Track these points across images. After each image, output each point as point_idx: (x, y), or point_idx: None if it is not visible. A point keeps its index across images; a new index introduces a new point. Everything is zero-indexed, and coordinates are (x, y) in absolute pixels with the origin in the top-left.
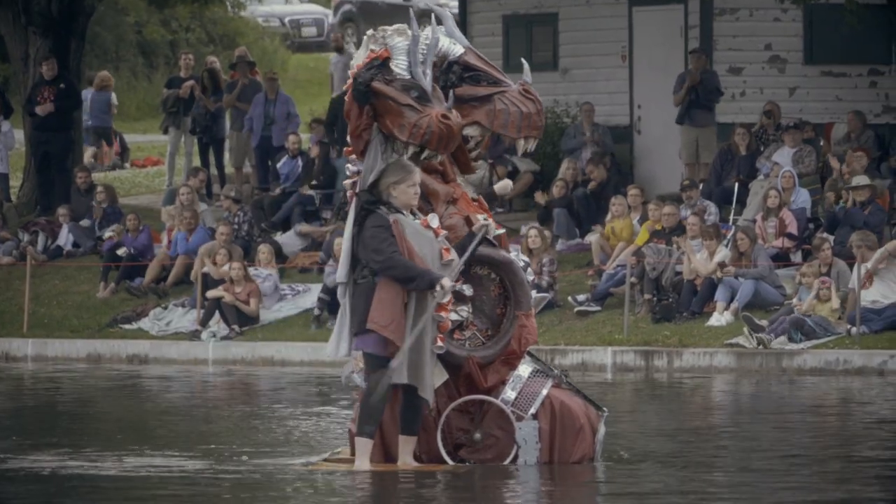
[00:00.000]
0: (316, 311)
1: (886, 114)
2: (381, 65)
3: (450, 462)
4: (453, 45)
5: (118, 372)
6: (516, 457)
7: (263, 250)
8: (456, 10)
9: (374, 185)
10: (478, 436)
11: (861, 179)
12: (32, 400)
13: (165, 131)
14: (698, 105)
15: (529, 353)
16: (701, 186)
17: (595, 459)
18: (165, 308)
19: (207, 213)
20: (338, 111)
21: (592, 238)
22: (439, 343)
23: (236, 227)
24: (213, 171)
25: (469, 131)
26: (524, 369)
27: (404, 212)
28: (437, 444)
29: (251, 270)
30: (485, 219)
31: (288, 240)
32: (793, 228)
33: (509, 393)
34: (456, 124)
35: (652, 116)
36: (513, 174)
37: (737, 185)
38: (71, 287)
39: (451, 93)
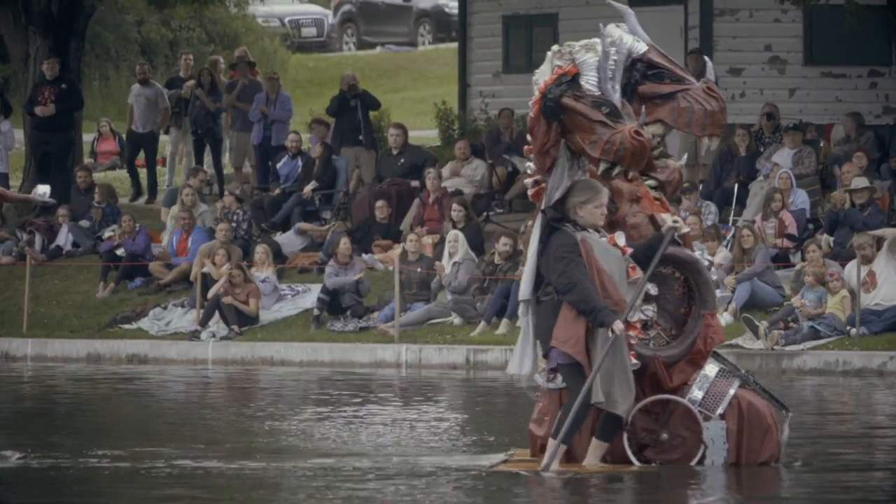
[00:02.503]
0: (316, 312)
1: (886, 115)
2: (570, 81)
3: (636, 462)
4: (636, 43)
5: (118, 372)
6: (703, 457)
7: (259, 251)
8: (456, 10)
9: (560, 202)
10: (664, 436)
11: (860, 181)
12: (32, 400)
13: (166, 131)
14: None
15: (715, 353)
16: (700, 187)
17: (779, 461)
18: (165, 308)
19: (207, 214)
20: (336, 110)
21: None
22: (634, 361)
23: (234, 224)
24: (210, 170)
25: (652, 129)
26: (710, 369)
27: (590, 230)
28: (622, 445)
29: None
30: (674, 220)
31: (287, 240)
32: (792, 229)
33: (696, 393)
34: (648, 140)
35: None
36: (512, 174)
37: (736, 185)
38: (70, 287)
39: (642, 111)
